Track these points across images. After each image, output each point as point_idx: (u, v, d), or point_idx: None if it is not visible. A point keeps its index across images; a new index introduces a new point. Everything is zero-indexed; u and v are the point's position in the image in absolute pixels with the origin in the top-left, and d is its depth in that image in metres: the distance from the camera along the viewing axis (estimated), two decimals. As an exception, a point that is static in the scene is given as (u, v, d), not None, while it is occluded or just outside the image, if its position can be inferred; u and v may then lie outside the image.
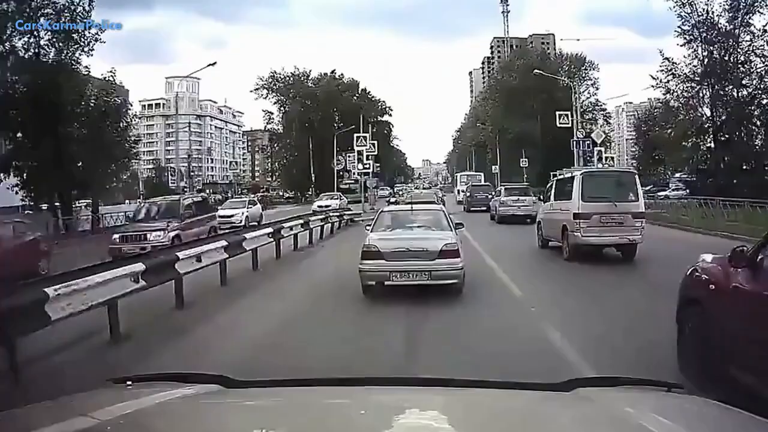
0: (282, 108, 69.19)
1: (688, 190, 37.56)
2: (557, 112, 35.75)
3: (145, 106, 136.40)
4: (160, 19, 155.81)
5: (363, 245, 8.79)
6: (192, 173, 67.49)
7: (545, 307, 7.83)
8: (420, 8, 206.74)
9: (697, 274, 4.72)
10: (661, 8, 57.16)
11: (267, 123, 71.74)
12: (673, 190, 48.55)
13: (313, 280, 11.38)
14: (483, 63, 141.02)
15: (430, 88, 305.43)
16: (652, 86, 34.51)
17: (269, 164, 73.73)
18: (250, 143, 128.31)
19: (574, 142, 33.82)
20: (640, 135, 59.56)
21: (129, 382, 1.88)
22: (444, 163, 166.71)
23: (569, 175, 13.59)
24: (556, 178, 14.98)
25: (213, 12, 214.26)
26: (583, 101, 62.38)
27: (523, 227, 19.80)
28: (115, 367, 5.30)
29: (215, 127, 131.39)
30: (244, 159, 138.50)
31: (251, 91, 69.83)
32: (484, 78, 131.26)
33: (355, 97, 70.24)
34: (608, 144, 62.86)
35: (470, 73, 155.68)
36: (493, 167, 60.77)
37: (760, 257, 3.90)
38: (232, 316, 8.16)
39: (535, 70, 48.15)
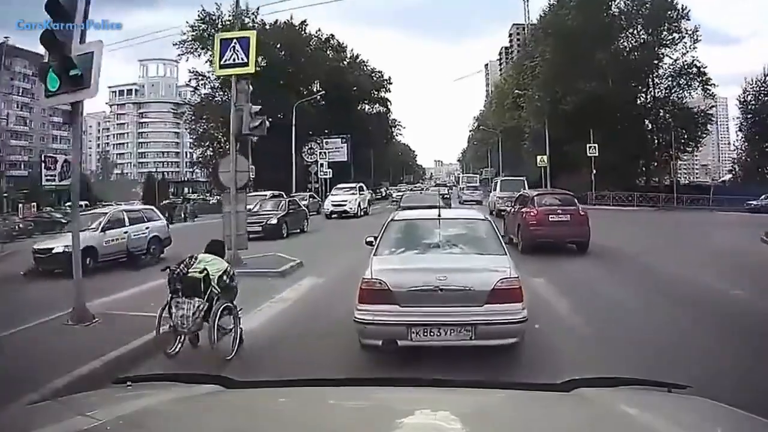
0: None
1: None
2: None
3: (115, 92, 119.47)
4: (165, 18, 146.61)
5: (362, 279, 5.44)
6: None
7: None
8: (428, 10, 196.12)
9: (507, 212, 18.67)
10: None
11: (194, 90, 48.17)
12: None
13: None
14: (500, 54, 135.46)
15: (441, 91, 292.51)
16: None
17: (200, 150, 51.25)
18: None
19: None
20: (746, 121, 42.60)
21: (129, 382, 1.87)
22: (458, 161, 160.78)
23: (496, 180, 33.45)
24: (494, 181, 33.79)
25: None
26: (676, 60, 43.25)
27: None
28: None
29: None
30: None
31: (175, 45, 46.52)
32: (501, 69, 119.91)
33: (341, 64, 51.74)
34: (704, 130, 44.18)
35: (486, 65, 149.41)
36: (539, 159, 39.96)
37: (514, 204, 18.12)
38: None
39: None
